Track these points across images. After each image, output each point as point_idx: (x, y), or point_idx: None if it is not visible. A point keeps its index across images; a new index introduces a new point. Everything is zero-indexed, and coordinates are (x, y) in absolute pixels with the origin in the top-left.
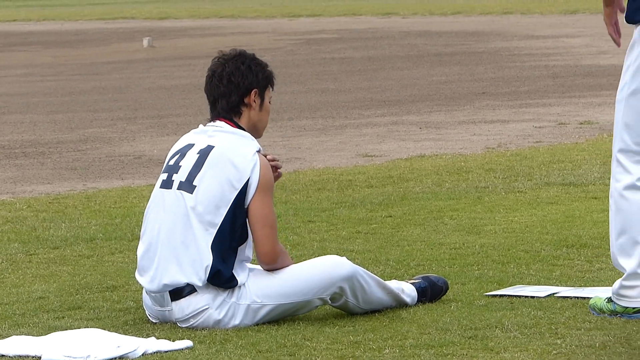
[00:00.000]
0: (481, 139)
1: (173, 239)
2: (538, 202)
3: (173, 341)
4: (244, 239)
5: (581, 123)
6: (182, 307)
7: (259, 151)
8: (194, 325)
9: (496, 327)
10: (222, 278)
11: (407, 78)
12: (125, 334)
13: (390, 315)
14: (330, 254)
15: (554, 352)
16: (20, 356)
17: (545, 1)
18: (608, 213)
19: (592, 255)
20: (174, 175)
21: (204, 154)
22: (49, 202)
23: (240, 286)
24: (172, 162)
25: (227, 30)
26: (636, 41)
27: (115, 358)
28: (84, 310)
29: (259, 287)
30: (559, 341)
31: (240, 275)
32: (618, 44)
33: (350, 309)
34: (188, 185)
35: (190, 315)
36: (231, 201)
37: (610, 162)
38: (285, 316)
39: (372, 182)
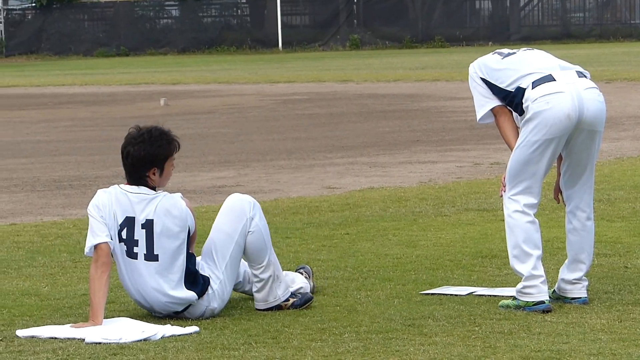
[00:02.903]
0: (416, 175)
1: (164, 283)
2: (460, 223)
3: (184, 327)
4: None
5: (492, 163)
6: (184, 316)
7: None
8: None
9: (429, 318)
10: (196, 283)
11: (359, 129)
12: (148, 322)
13: (349, 308)
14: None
15: (473, 337)
16: (68, 339)
17: (464, 72)
18: None
19: (501, 264)
20: (135, 248)
21: (148, 228)
22: None
23: (210, 283)
24: (124, 235)
25: (223, 93)
26: (529, 119)
27: (141, 340)
28: (116, 304)
29: (210, 261)
30: (476, 328)
31: (204, 272)
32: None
33: (264, 241)
34: (151, 256)
35: (194, 318)
36: (183, 241)
37: None
38: (237, 268)
39: (333, 208)
